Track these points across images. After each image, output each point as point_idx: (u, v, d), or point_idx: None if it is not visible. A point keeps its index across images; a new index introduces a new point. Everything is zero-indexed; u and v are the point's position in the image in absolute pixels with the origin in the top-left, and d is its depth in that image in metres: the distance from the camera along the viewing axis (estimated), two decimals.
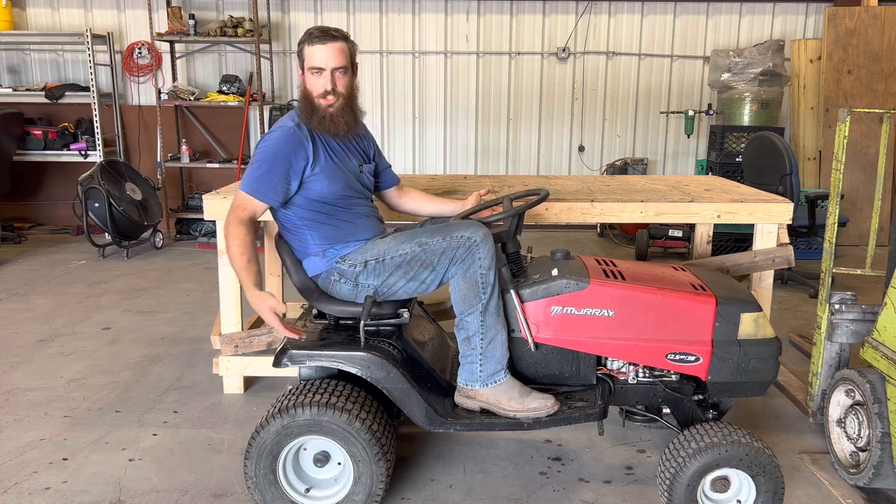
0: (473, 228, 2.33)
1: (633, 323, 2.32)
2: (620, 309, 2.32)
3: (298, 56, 2.49)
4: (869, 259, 3.17)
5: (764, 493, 2.24)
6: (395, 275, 2.38)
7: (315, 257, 2.46)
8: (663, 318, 2.30)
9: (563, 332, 2.35)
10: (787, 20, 7.06)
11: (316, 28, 2.46)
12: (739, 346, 2.30)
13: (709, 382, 2.34)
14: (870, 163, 6.46)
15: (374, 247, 2.43)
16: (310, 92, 2.45)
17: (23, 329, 4.24)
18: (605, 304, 2.32)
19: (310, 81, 2.45)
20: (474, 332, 2.35)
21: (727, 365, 2.31)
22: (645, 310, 2.31)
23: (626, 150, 7.33)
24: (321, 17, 7.01)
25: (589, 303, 2.32)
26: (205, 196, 3.24)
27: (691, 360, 2.30)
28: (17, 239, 6.58)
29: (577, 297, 2.33)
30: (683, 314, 2.30)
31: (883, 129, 3.07)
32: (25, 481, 2.60)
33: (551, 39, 7.09)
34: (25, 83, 7.08)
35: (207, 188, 6.78)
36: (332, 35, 2.43)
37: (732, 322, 2.30)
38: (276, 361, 2.35)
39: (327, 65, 2.41)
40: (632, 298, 2.31)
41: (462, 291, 2.34)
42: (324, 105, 2.44)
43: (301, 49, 2.46)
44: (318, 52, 2.41)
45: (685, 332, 2.30)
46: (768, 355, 2.33)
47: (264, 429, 2.24)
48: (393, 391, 2.33)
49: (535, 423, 2.36)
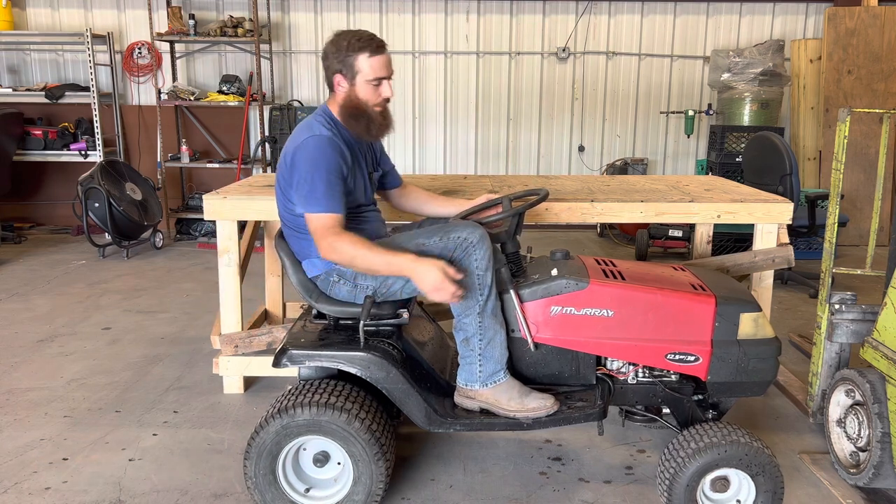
0: (470, 229, 2.33)
1: (632, 323, 2.32)
2: (620, 309, 2.32)
3: (343, 64, 2.40)
4: (869, 259, 3.17)
5: (763, 492, 2.24)
6: (392, 275, 2.38)
7: (316, 259, 2.46)
8: (663, 318, 2.30)
9: (562, 332, 2.35)
10: (787, 20, 7.06)
11: (364, 36, 2.39)
12: (739, 346, 2.30)
13: (708, 382, 2.34)
14: (870, 163, 6.46)
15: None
16: (364, 101, 2.42)
17: (23, 329, 4.24)
18: (605, 304, 2.32)
19: (364, 91, 2.41)
20: (473, 333, 2.35)
21: (727, 365, 2.31)
22: (644, 310, 2.31)
23: (626, 150, 7.33)
24: (321, 17, 7.02)
25: (588, 303, 2.32)
26: (205, 196, 3.24)
27: (691, 360, 2.30)
28: (17, 239, 6.58)
29: (576, 297, 2.32)
30: (683, 314, 2.30)
31: (883, 129, 3.07)
32: (25, 481, 2.60)
33: (551, 39, 7.09)
34: (25, 83, 7.08)
35: (207, 188, 6.78)
36: (383, 43, 2.42)
37: (732, 322, 2.30)
38: (276, 362, 2.35)
39: (387, 73, 2.42)
40: (631, 298, 2.31)
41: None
42: (378, 112, 2.44)
43: (351, 59, 2.38)
44: (379, 63, 2.39)
45: (685, 332, 2.30)
46: (768, 355, 2.32)
47: (264, 429, 2.24)
48: (392, 391, 2.33)
49: (535, 423, 2.36)
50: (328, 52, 2.43)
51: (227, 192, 3.33)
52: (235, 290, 3.30)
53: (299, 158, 2.35)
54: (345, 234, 2.31)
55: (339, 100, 2.46)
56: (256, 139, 6.98)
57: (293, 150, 2.39)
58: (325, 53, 2.45)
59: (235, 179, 6.45)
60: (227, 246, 3.27)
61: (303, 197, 2.33)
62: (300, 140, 2.38)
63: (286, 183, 2.42)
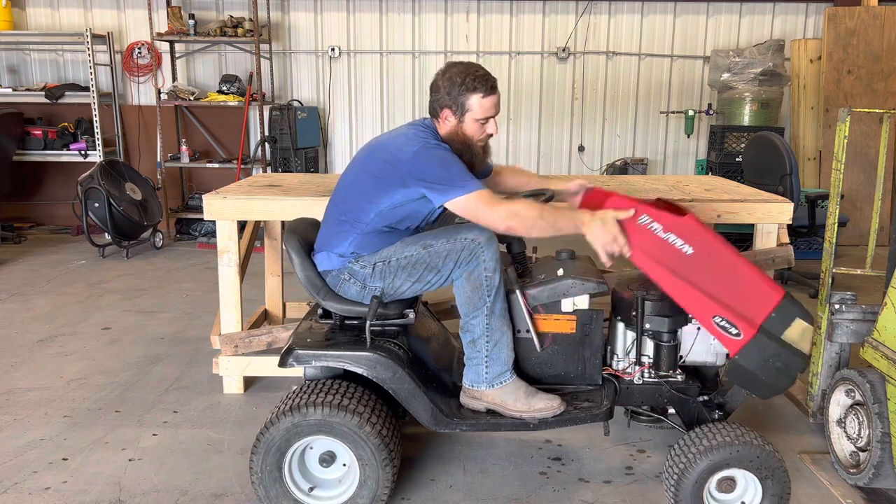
0: (478, 230, 2.32)
1: (704, 270, 2.26)
2: (701, 252, 2.26)
3: (454, 102, 2.37)
4: (869, 259, 3.17)
5: (770, 496, 2.23)
6: (399, 277, 2.37)
7: (333, 254, 2.43)
8: (732, 282, 2.26)
9: (637, 243, 2.28)
10: (787, 20, 7.06)
11: (478, 75, 2.36)
12: (779, 344, 2.27)
13: (732, 362, 2.30)
14: (870, 163, 6.46)
15: (384, 249, 2.42)
16: (469, 136, 2.41)
17: (23, 329, 4.24)
18: (691, 239, 2.26)
19: (471, 128, 2.40)
20: (480, 335, 2.35)
21: (758, 355, 2.26)
22: (721, 265, 2.26)
23: (626, 150, 7.33)
24: (321, 17, 7.02)
25: (677, 229, 2.26)
26: (205, 196, 3.23)
27: (732, 333, 2.25)
28: (17, 239, 6.58)
29: (669, 219, 2.27)
30: (750, 289, 2.27)
31: (883, 129, 3.07)
32: (25, 481, 2.60)
33: (551, 39, 7.09)
34: (25, 83, 7.08)
35: (207, 188, 6.77)
36: (496, 82, 2.40)
37: (786, 320, 2.27)
38: (282, 361, 2.35)
39: (495, 113, 2.42)
40: (716, 248, 2.27)
41: (467, 294, 2.33)
42: (480, 147, 2.47)
43: (463, 98, 2.35)
44: (490, 103, 2.38)
45: (742, 305, 2.26)
46: (793, 366, 2.29)
47: (274, 425, 2.23)
48: (399, 391, 2.33)
49: (541, 423, 2.35)
50: (440, 85, 2.39)
51: (227, 192, 3.33)
52: (235, 290, 3.30)
53: (423, 161, 2.30)
54: (500, 201, 2.27)
55: (444, 132, 2.44)
56: (256, 139, 6.99)
57: (406, 154, 2.32)
58: (435, 85, 2.41)
59: (235, 179, 6.45)
60: (227, 246, 3.27)
61: (443, 189, 2.28)
62: (416, 148, 2.31)
63: (381, 173, 2.36)
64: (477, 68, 2.39)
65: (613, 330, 2.52)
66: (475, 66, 2.41)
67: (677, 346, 2.44)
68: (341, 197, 2.47)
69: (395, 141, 2.39)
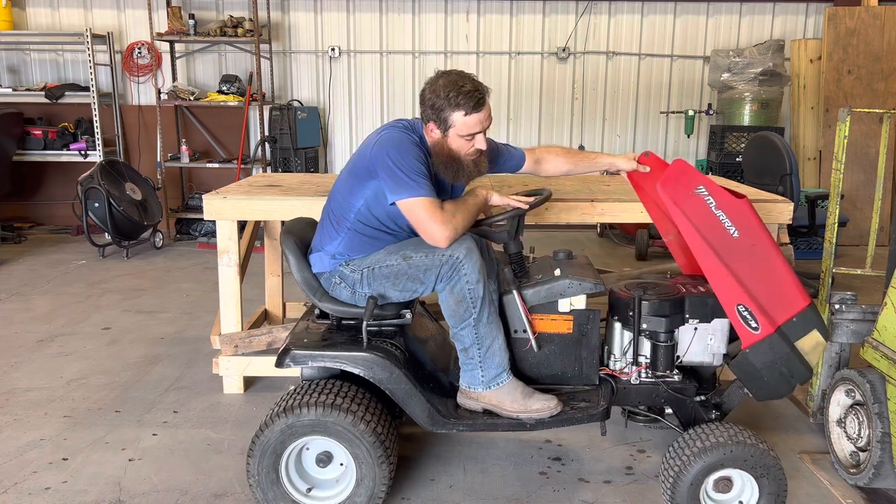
0: (455, 245, 2.27)
1: (743, 255, 2.27)
2: (746, 238, 2.27)
3: (437, 117, 2.29)
4: (869, 259, 3.17)
5: (766, 495, 2.23)
6: (384, 285, 2.36)
7: (325, 255, 2.43)
8: (765, 276, 2.27)
9: (687, 210, 2.29)
10: (787, 20, 7.06)
11: (464, 91, 2.25)
12: (790, 349, 2.28)
13: (742, 354, 2.31)
14: (870, 163, 6.46)
15: (371, 255, 2.41)
16: (455, 151, 2.32)
17: (23, 329, 4.24)
18: (739, 223, 2.27)
19: (456, 142, 2.31)
20: (470, 344, 2.35)
21: (767, 354, 2.28)
22: (761, 256, 2.27)
23: (626, 150, 7.33)
24: (321, 17, 7.01)
25: (729, 210, 2.28)
26: (205, 196, 3.24)
27: (752, 325, 2.27)
28: (17, 239, 6.58)
29: (725, 197, 2.28)
30: (781, 288, 2.28)
31: (883, 129, 3.07)
32: (25, 481, 2.60)
33: (551, 39, 7.09)
34: (25, 83, 7.08)
35: (207, 188, 6.77)
36: (482, 98, 2.29)
37: (804, 328, 2.29)
38: (279, 362, 2.35)
39: (482, 129, 2.33)
40: (762, 239, 2.28)
41: (451, 307, 2.32)
42: (471, 160, 2.37)
43: (445, 114, 2.27)
44: (474, 121, 2.28)
45: (769, 301, 2.27)
46: (796, 376, 2.32)
47: (269, 427, 2.24)
48: (396, 392, 2.33)
49: (538, 423, 2.36)
50: (426, 97, 2.31)
51: (227, 192, 3.33)
52: (235, 290, 3.30)
53: (384, 150, 2.27)
54: (441, 210, 2.25)
55: (430, 142, 2.37)
56: (256, 139, 6.98)
57: (373, 142, 2.33)
58: (422, 96, 2.33)
59: (235, 179, 6.45)
60: (227, 246, 3.27)
61: (393, 187, 2.24)
62: (383, 137, 2.31)
63: (355, 167, 2.37)
64: (464, 82, 2.27)
65: (610, 330, 2.52)
66: (464, 78, 2.30)
67: (674, 347, 2.44)
68: (331, 196, 2.48)
69: (372, 136, 2.39)
